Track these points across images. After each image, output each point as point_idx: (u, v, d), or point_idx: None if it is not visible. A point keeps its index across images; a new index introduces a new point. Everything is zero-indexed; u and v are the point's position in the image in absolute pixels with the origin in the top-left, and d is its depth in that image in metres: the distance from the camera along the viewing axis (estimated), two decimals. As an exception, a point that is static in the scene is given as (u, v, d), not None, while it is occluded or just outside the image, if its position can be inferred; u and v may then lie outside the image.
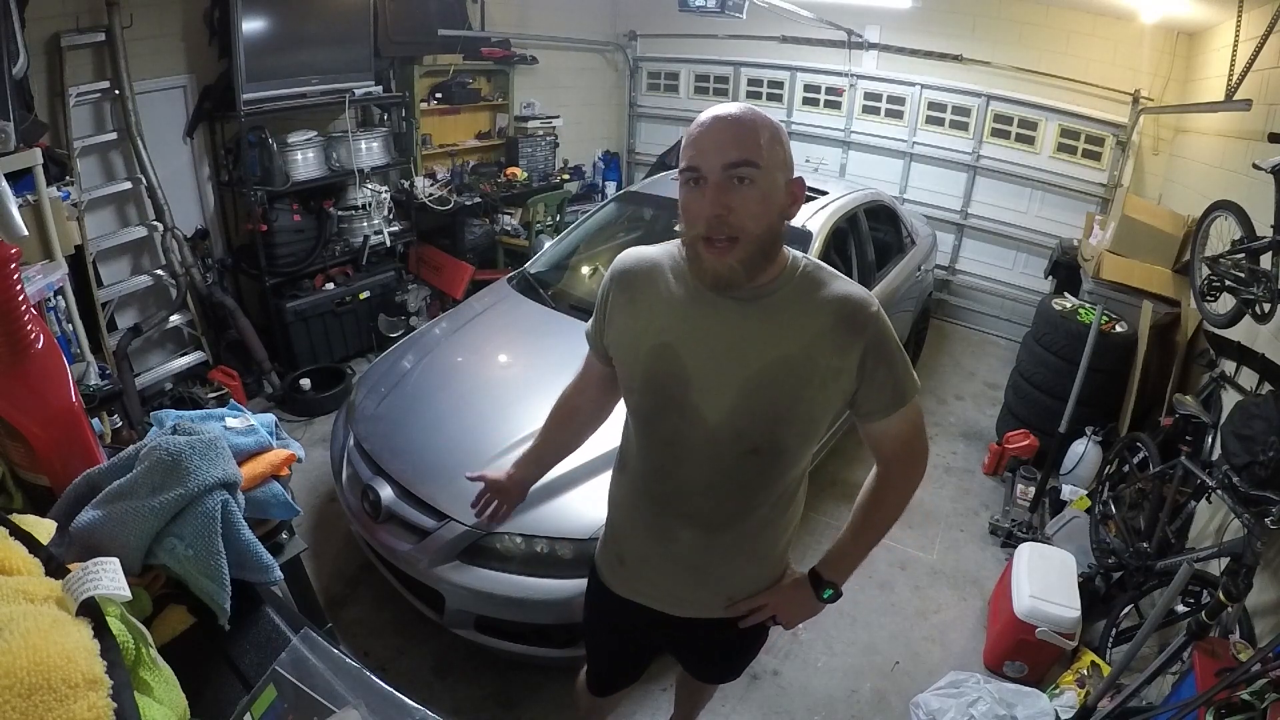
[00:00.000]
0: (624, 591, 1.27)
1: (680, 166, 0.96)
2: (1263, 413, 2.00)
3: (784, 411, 1.02)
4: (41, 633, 0.58)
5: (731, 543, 1.15)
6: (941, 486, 3.30)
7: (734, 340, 1.01)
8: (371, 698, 0.71)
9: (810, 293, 1.02)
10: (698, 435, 1.05)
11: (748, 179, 0.91)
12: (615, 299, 1.11)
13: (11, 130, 2.16)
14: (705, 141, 0.93)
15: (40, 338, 1.08)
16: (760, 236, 0.95)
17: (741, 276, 0.96)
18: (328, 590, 2.41)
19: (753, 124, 0.93)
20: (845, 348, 1.00)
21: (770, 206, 0.95)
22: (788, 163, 0.97)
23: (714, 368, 1.01)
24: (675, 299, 1.05)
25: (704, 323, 1.02)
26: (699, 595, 1.21)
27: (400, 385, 2.44)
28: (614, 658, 1.48)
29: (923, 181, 4.99)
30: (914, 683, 2.25)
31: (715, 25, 5.12)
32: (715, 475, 1.08)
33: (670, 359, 1.03)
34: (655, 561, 1.20)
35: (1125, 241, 3.25)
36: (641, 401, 1.11)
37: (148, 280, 3.27)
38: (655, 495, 1.15)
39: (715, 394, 1.02)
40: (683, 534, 1.14)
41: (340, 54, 3.72)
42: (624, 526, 1.24)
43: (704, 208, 0.92)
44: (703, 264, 0.96)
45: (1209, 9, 3.18)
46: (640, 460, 1.15)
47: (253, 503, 1.07)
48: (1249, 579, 1.69)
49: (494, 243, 4.73)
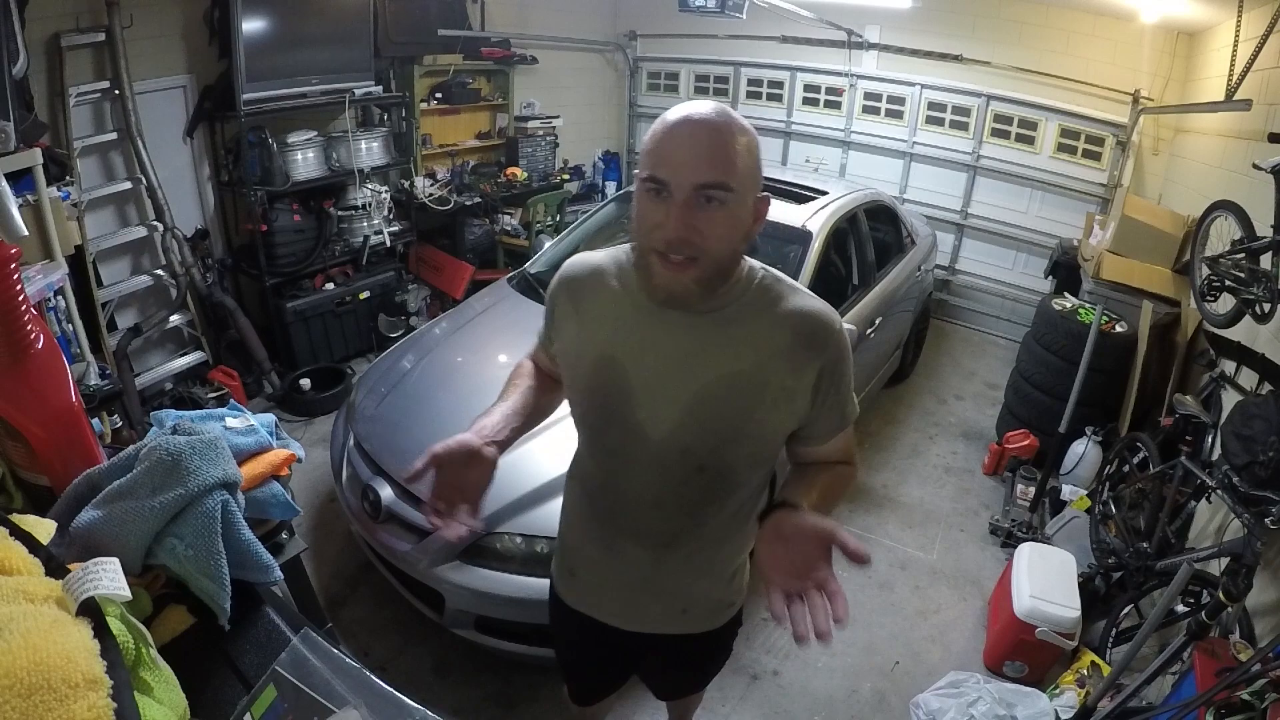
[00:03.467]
0: (576, 604, 1.22)
1: (642, 174, 0.85)
2: (1263, 413, 2.00)
3: (732, 430, 0.95)
4: (41, 633, 0.58)
5: (682, 559, 1.10)
6: (941, 486, 3.30)
7: (682, 353, 0.94)
8: (371, 698, 0.71)
9: (768, 306, 0.95)
10: (642, 450, 0.99)
11: (718, 200, 0.83)
12: (562, 307, 1.04)
13: (11, 130, 2.16)
14: (675, 153, 0.83)
15: (40, 338, 1.08)
16: (722, 258, 0.87)
17: (696, 296, 0.89)
18: (328, 590, 2.41)
19: (730, 136, 0.83)
20: (802, 367, 0.93)
21: (737, 228, 0.87)
22: (759, 179, 0.89)
23: (659, 382, 0.95)
24: (622, 309, 0.98)
25: (651, 334, 0.95)
26: (652, 610, 1.16)
27: (400, 385, 2.44)
28: (582, 668, 1.43)
29: (923, 181, 4.99)
30: (914, 683, 2.25)
31: (715, 25, 5.12)
32: (661, 491, 1.02)
33: (614, 372, 0.97)
34: (605, 575, 1.16)
35: (1125, 241, 3.25)
36: (586, 413, 1.05)
37: (148, 280, 3.27)
38: (603, 508, 1.11)
39: (660, 409, 0.96)
40: (631, 549, 1.10)
41: (340, 54, 3.71)
42: (575, 537, 1.19)
43: (665, 225, 0.83)
44: (654, 279, 0.88)
45: (1209, 9, 3.18)
46: (589, 470, 1.11)
47: (253, 503, 1.08)
48: (1249, 579, 1.69)
49: (494, 243, 4.73)
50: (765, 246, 2.93)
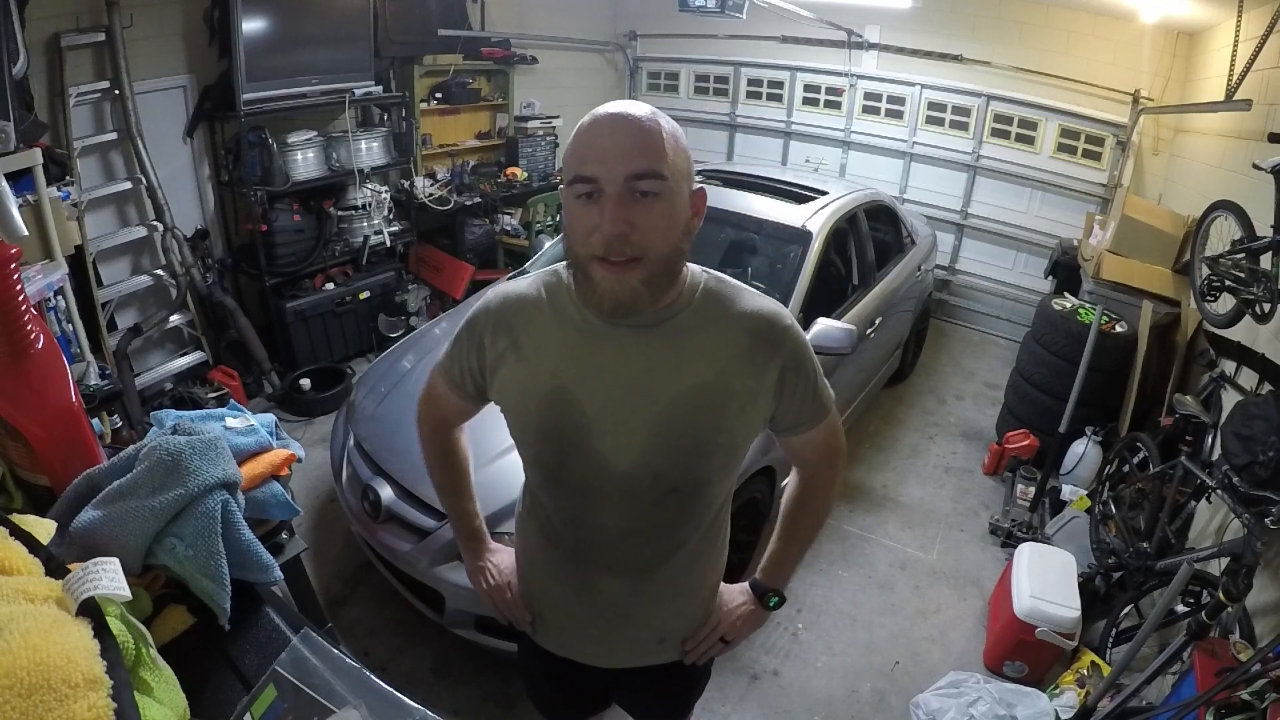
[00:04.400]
0: (550, 646, 1.17)
1: (568, 177, 0.82)
2: (1263, 413, 2.00)
3: (701, 445, 0.92)
4: (41, 633, 0.58)
5: (661, 584, 1.06)
6: (941, 486, 3.30)
7: (637, 374, 0.89)
8: (371, 698, 0.71)
9: (717, 311, 0.91)
10: (608, 482, 0.94)
11: (652, 192, 0.80)
12: (494, 347, 0.97)
13: (11, 130, 2.16)
14: (602, 147, 0.79)
15: (40, 338, 1.08)
16: (665, 255, 0.83)
17: (645, 299, 0.84)
18: (328, 590, 2.41)
19: (655, 127, 0.80)
20: (762, 368, 0.91)
21: (676, 222, 0.83)
22: (690, 172, 0.86)
23: (616, 408, 0.90)
24: (564, 335, 0.92)
25: (600, 358, 0.90)
26: (631, 643, 1.12)
27: (400, 385, 2.44)
28: (557, 709, 1.37)
29: (923, 181, 4.99)
30: (914, 683, 2.25)
31: (715, 25, 5.13)
32: (635, 519, 0.98)
33: (565, 405, 0.91)
34: (578, 614, 1.10)
35: (1125, 241, 3.25)
36: (540, 454, 0.99)
37: (148, 280, 3.27)
38: (570, 546, 1.05)
39: (622, 436, 0.91)
40: (606, 582, 1.04)
41: (340, 54, 3.72)
42: (539, 580, 1.13)
43: (601, 224, 0.79)
44: (597, 288, 0.83)
45: (1209, 9, 3.18)
46: (549, 511, 1.04)
47: (253, 503, 1.08)
48: (1249, 579, 1.69)
49: (494, 243, 4.73)
50: (766, 247, 2.94)
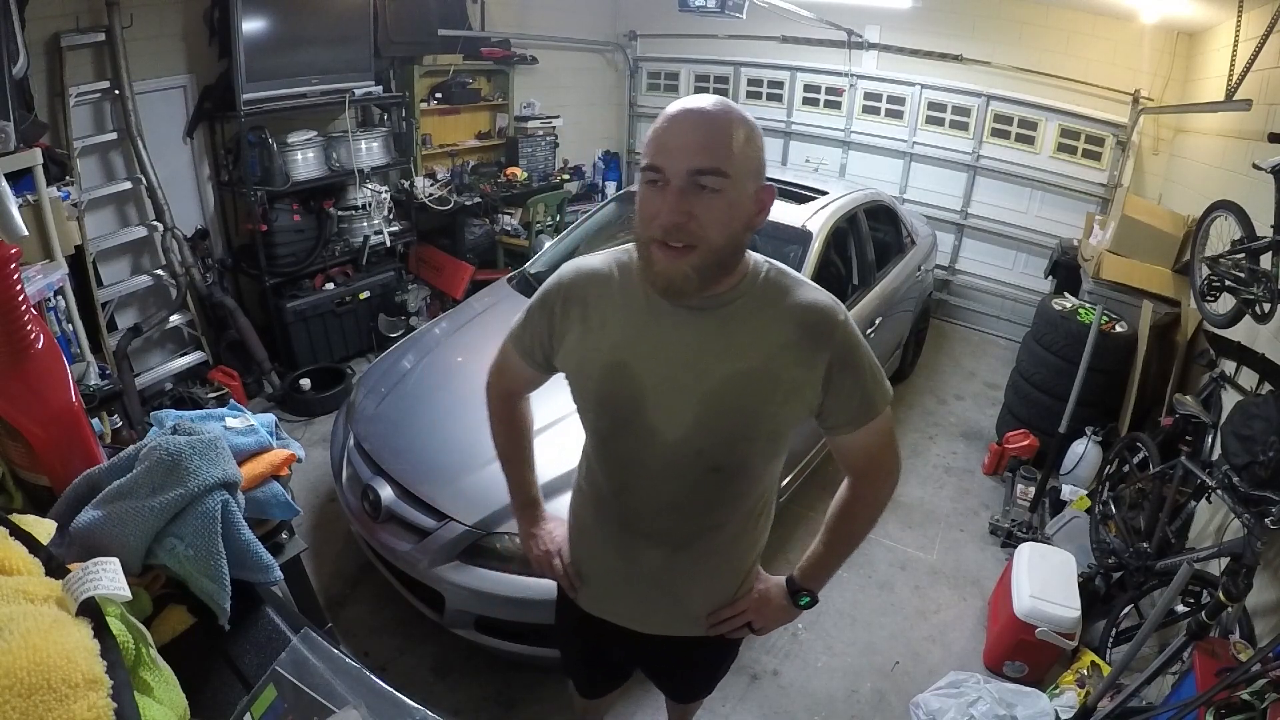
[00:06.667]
0: (590, 607, 1.23)
1: (641, 164, 0.89)
2: (1263, 413, 2.00)
3: (745, 428, 0.96)
4: (41, 633, 0.58)
5: (696, 560, 1.11)
6: (941, 486, 3.30)
7: (691, 354, 0.95)
8: (371, 698, 0.71)
9: (773, 301, 0.96)
10: (656, 454, 1.00)
11: (713, 187, 0.84)
12: (565, 317, 1.03)
13: (11, 130, 2.16)
14: (671, 140, 0.85)
15: (40, 338, 1.08)
16: (720, 247, 0.88)
17: (694, 284, 0.89)
18: (328, 590, 2.41)
19: (726, 124, 0.85)
20: (810, 360, 0.94)
21: (735, 216, 0.87)
22: (759, 169, 0.90)
23: (670, 384, 0.96)
24: (628, 312, 0.98)
25: (660, 336, 0.96)
26: (665, 613, 1.18)
27: (400, 385, 2.44)
28: (590, 667, 1.46)
29: (923, 181, 4.99)
30: (914, 683, 2.25)
31: (715, 25, 5.12)
32: (677, 493, 1.03)
33: (624, 377, 0.98)
34: (619, 579, 1.17)
35: (1125, 241, 3.25)
36: (597, 420, 1.05)
37: (148, 280, 3.27)
38: (616, 513, 1.11)
39: (673, 411, 0.96)
40: (646, 552, 1.11)
41: (340, 54, 3.71)
42: (586, 545, 1.20)
43: (662, 212, 0.85)
44: (653, 267, 0.89)
45: (1209, 9, 3.18)
46: (600, 477, 1.11)
47: (253, 503, 1.08)
48: (1249, 579, 1.69)
49: (494, 243, 4.73)
50: (765, 247, 2.92)
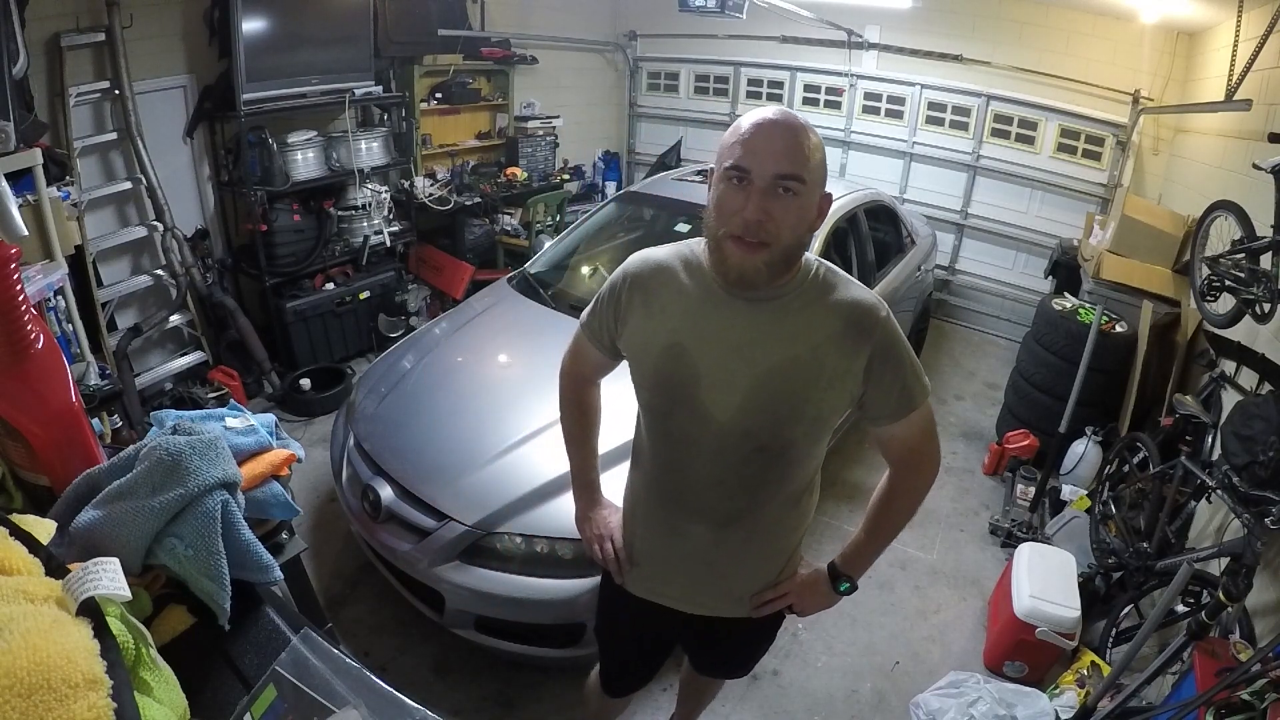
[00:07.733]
0: (640, 591, 1.30)
1: (726, 163, 0.96)
2: (1263, 413, 2.00)
3: (790, 411, 1.04)
4: (41, 633, 0.58)
5: (742, 539, 1.17)
6: (941, 486, 3.30)
7: (744, 340, 1.03)
8: (371, 698, 0.71)
9: (821, 296, 1.04)
10: (707, 432, 1.07)
11: (792, 191, 0.94)
12: (629, 302, 1.13)
13: (11, 130, 2.16)
14: (759, 144, 0.94)
15: (40, 338, 1.08)
16: (789, 246, 0.97)
17: (764, 278, 0.98)
18: (328, 590, 2.41)
19: (805, 136, 0.96)
20: (853, 351, 1.02)
21: (804, 219, 0.97)
22: (825, 179, 1.01)
23: (723, 367, 1.04)
24: (688, 299, 1.07)
25: (716, 322, 1.04)
26: (712, 593, 1.25)
27: (400, 385, 2.44)
28: (629, 658, 1.50)
29: (923, 181, 4.99)
30: (914, 683, 2.25)
31: (715, 25, 5.12)
32: (724, 471, 1.10)
33: (682, 359, 1.06)
34: (667, 558, 1.24)
35: (1125, 241, 3.25)
36: (653, 399, 1.13)
37: (148, 280, 3.27)
38: (666, 491, 1.18)
39: (724, 392, 1.04)
40: (693, 529, 1.17)
41: (340, 54, 3.71)
42: (638, 527, 1.27)
43: (744, 209, 0.93)
44: (728, 260, 0.98)
45: (1209, 9, 3.18)
46: (652, 456, 1.18)
47: (253, 503, 1.07)
48: (1249, 579, 1.69)
49: (494, 243, 4.73)
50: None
